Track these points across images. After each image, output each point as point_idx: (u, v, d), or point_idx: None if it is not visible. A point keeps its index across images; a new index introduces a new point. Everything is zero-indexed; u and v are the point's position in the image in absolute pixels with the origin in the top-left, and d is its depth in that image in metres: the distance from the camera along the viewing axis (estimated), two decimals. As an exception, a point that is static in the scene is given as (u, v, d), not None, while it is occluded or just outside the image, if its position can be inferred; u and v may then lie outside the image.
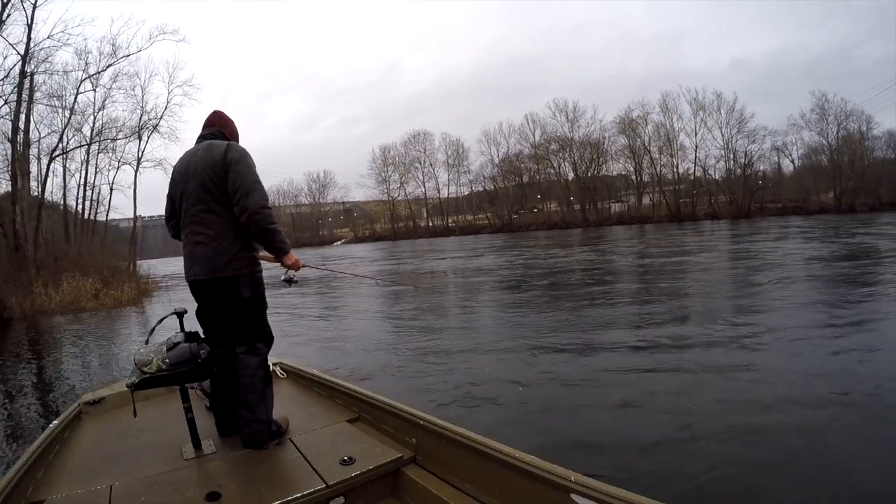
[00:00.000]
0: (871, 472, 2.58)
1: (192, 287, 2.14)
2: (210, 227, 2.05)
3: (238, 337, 2.11)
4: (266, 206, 2.03)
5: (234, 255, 2.05)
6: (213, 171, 2.03)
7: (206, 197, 2.05)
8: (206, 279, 2.06)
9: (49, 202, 18.80)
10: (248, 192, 1.99)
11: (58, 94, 18.15)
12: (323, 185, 64.36)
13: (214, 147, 2.09)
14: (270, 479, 1.76)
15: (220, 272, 2.03)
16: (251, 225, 2.01)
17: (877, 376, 3.86)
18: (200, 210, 2.06)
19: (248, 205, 1.98)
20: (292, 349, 6.11)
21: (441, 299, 10.50)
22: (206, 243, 2.05)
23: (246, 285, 2.08)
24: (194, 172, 2.07)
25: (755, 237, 21.16)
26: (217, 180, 2.03)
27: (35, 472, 1.85)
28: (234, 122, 2.36)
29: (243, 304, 2.09)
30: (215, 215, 2.05)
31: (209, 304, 2.14)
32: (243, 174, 2.01)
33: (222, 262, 2.03)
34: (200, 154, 2.10)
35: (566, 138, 54.96)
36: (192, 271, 2.09)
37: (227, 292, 2.06)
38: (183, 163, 2.17)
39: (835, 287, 8.19)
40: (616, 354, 5.06)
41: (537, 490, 1.38)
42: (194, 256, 2.08)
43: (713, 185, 50.10)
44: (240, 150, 2.08)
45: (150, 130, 21.25)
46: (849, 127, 45.39)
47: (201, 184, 2.05)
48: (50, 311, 12.99)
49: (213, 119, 2.30)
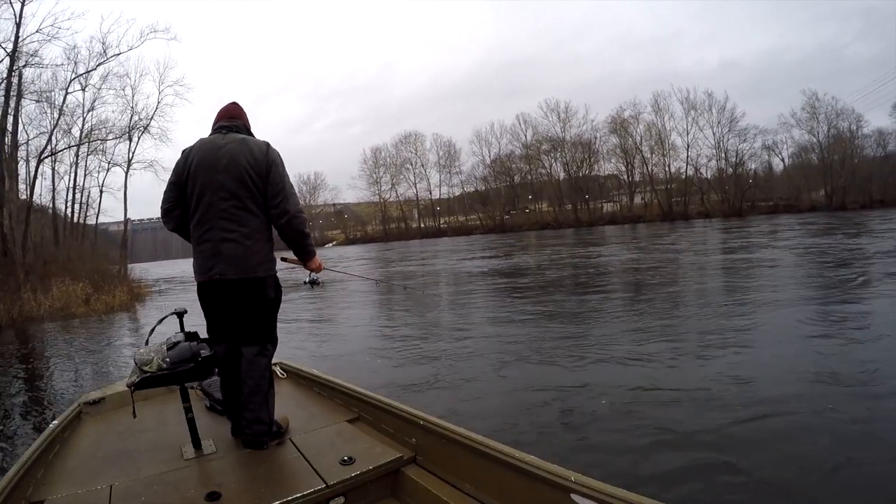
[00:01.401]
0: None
1: (213, 286, 2.02)
2: (245, 224, 1.98)
3: (251, 338, 2.07)
4: (302, 210, 2.07)
5: (265, 256, 2.03)
6: (255, 168, 1.97)
7: (243, 194, 1.97)
8: (235, 279, 1.98)
9: (38, 205, 18.58)
10: (288, 196, 2.01)
11: (47, 94, 17.93)
12: (314, 186, 64.28)
13: (254, 144, 2.03)
14: (270, 479, 1.76)
15: (252, 272, 1.99)
16: (289, 227, 2.02)
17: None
18: (234, 206, 1.97)
19: (289, 207, 2.00)
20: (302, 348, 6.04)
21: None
22: (238, 241, 1.97)
23: (272, 286, 2.07)
24: (228, 165, 1.97)
25: (784, 233, 20.76)
26: (258, 179, 1.98)
27: (35, 472, 1.84)
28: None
29: (266, 305, 2.07)
30: (251, 214, 1.99)
31: (230, 305, 2.03)
32: (283, 177, 2.02)
33: (255, 263, 1.99)
34: (235, 147, 2.00)
35: (558, 138, 55.40)
36: (218, 269, 1.97)
37: (255, 293, 2.02)
38: (206, 151, 2.02)
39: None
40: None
41: (537, 490, 1.39)
42: (220, 254, 1.97)
43: (705, 184, 50.62)
44: (277, 152, 2.06)
45: (141, 131, 21.06)
46: (839, 125, 46.25)
47: (238, 179, 1.96)
48: (39, 317, 12.61)
49: (233, 110, 2.20)
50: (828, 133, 46.33)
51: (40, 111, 18.17)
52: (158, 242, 73.33)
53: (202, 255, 2.01)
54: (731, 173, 49.11)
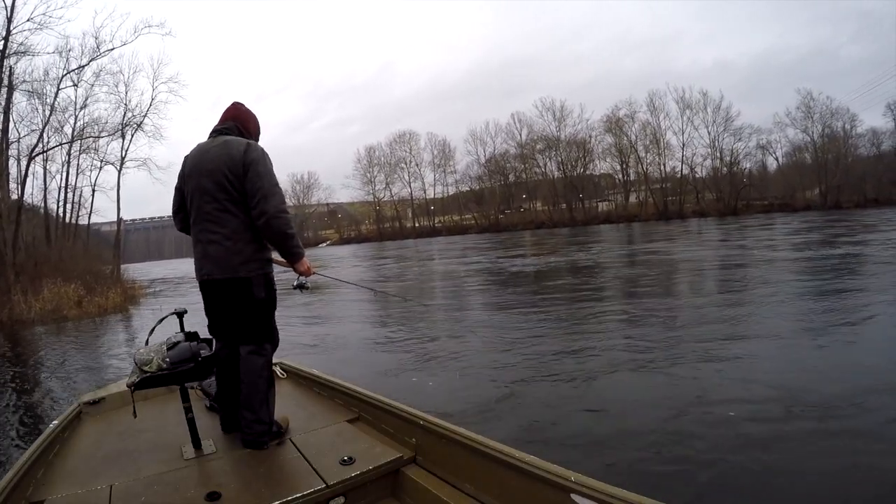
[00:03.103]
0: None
1: (204, 286, 2.11)
2: (225, 226, 2.01)
3: (246, 337, 2.09)
4: (285, 210, 2.03)
5: (249, 255, 2.03)
6: (231, 170, 1.99)
7: (222, 196, 2.01)
8: (220, 279, 2.03)
9: (29, 205, 18.29)
10: (267, 195, 1.97)
11: (39, 85, 17.47)
12: (307, 186, 64.08)
13: (233, 144, 2.04)
14: (270, 479, 1.76)
15: (235, 272, 2.01)
16: (269, 228, 1.99)
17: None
18: (215, 209, 2.02)
19: (267, 208, 1.97)
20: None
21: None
22: (220, 243, 2.02)
23: (260, 286, 2.06)
24: (210, 169, 2.02)
25: (819, 231, 20.05)
26: (235, 180, 1.99)
27: (35, 472, 1.84)
28: (256, 116, 2.29)
29: (256, 305, 2.07)
30: (231, 215, 2.02)
31: (221, 304, 2.10)
32: (263, 176, 1.99)
33: (237, 263, 2.01)
34: (216, 150, 2.05)
35: (553, 137, 55.46)
36: (205, 270, 2.06)
37: (241, 293, 2.04)
38: (196, 157, 2.11)
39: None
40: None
41: (537, 490, 1.39)
42: (207, 255, 2.05)
43: (700, 183, 50.89)
44: (259, 150, 2.04)
45: (134, 129, 20.44)
46: (833, 125, 46.57)
47: (217, 182, 2.00)
48: (29, 320, 12.18)
49: (231, 112, 2.23)
50: (822, 132, 46.72)
51: (31, 109, 17.79)
52: (151, 242, 73.02)
53: (195, 256, 2.10)
54: (726, 172, 49.37)
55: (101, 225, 26.84)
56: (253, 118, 2.27)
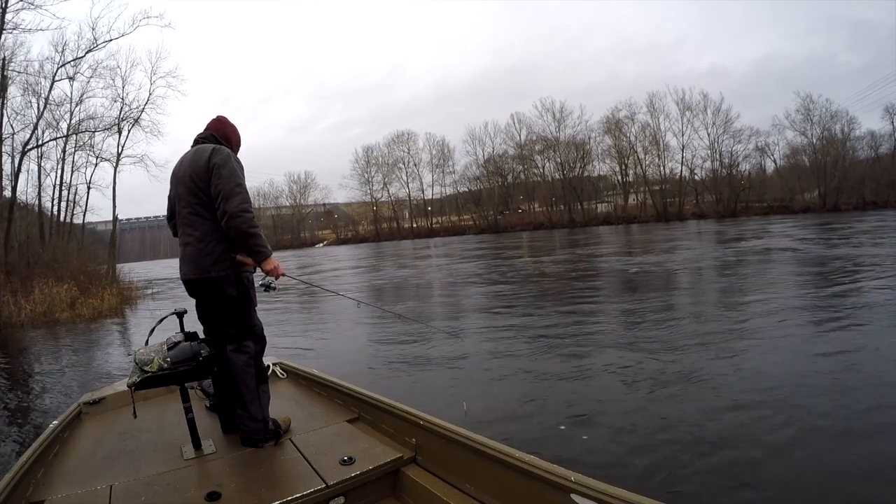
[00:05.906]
0: None
1: (186, 286, 2.24)
2: (197, 228, 2.13)
3: (227, 335, 2.17)
4: (247, 209, 2.07)
5: (219, 256, 2.11)
6: (198, 175, 2.11)
7: (192, 200, 2.14)
8: (195, 279, 2.15)
9: (22, 203, 17.96)
10: (228, 196, 2.05)
11: (34, 77, 17.12)
12: (304, 186, 64.04)
13: (200, 151, 2.17)
14: (270, 479, 1.76)
15: (207, 272, 2.12)
16: (231, 228, 2.06)
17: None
18: (189, 213, 2.16)
19: (227, 208, 2.04)
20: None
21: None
22: (194, 245, 2.14)
23: (231, 284, 2.14)
24: (183, 177, 2.17)
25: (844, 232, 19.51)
26: (202, 184, 2.11)
27: (35, 472, 1.84)
28: (237, 129, 2.42)
29: (230, 302, 2.15)
30: (202, 218, 2.13)
31: (200, 304, 2.24)
32: (225, 178, 2.07)
33: (208, 263, 2.11)
34: (189, 158, 2.20)
35: (552, 138, 55.49)
36: (184, 271, 2.20)
37: (214, 291, 2.14)
38: (176, 166, 2.27)
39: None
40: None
41: (537, 490, 1.40)
42: (184, 257, 2.19)
43: (699, 185, 51.05)
44: (223, 154, 2.13)
45: (131, 124, 20.12)
46: (832, 128, 46.69)
47: (188, 188, 2.14)
48: (19, 322, 11.49)
49: (212, 124, 2.38)
50: (821, 135, 46.80)
51: (25, 103, 17.40)
52: (146, 242, 72.57)
53: (179, 258, 2.24)
54: (726, 174, 49.53)
55: (95, 224, 26.60)
56: (232, 130, 2.39)
